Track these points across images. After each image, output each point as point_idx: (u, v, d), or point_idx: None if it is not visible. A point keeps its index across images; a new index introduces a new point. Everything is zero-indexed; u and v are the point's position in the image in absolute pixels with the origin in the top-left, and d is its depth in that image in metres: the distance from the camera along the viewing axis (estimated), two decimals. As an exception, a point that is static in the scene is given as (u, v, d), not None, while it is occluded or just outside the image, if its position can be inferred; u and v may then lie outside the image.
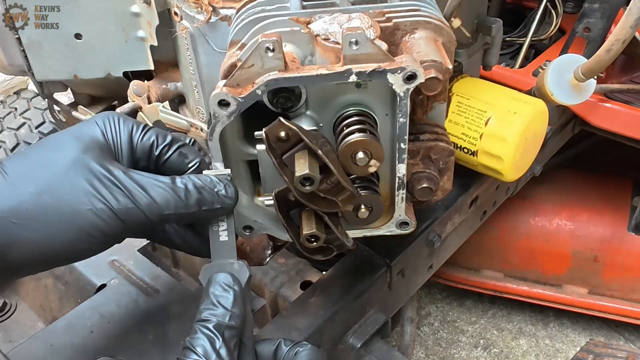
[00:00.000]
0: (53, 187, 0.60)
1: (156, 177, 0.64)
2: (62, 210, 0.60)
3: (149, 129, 0.70)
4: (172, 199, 0.63)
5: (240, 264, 0.66)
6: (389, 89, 0.61)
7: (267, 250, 0.86)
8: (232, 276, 0.64)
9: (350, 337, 0.93)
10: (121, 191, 0.61)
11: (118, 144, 0.67)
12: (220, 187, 0.66)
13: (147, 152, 0.69)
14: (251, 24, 0.68)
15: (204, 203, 0.65)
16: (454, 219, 1.10)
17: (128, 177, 0.62)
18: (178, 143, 0.71)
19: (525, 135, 0.90)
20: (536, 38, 1.40)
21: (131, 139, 0.68)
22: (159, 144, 0.69)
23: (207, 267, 0.66)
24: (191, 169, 0.71)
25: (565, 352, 1.75)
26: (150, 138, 0.69)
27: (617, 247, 1.59)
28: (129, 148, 0.68)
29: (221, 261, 0.67)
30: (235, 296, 0.63)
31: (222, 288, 0.63)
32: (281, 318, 0.88)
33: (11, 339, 1.01)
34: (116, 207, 0.61)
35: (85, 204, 0.60)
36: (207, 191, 0.65)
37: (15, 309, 1.08)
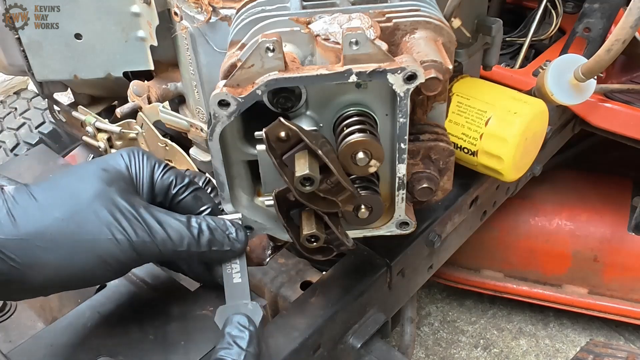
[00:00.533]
0: (78, 215, 0.64)
1: (173, 215, 0.68)
2: (84, 238, 0.63)
3: (170, 169, 0.74)
4: (186, 237, 0.67)
5: (254, 304, 0.69)
6: (389, 89, 0.61)
7: (267, 250, 0.86)
8: (247, 317, 0.67)
9: (350, 337, 0.93)
10: (140, 225, 0.65)
11: (140, 179, 0.71)
12: (231, 230, 0.70)
13: (165, 190, 0.73)
14: (251, 24, 0.68)
15: (214, 244, 0.69)
16: (454, 219, 1.10)
17: (148, 213, 0.66)
18: (194, 186, 0.75)
19: (525, 135, 0.90)
20: (536, 38, 1.40)
21: (152, 176, 0.72)
22: (177, 184, 0.73)
23: (223, 308, 0.69)
24: (203, 213, 0.74)
25: (565, 352, 1.75)
26: (169, 177, 0.73)
27: (617, 247, 1.59)
28: (150, 184, 0.72)
29: (236, 302, 0.70)
30: (251, 336, 0.66)
31: (238, 329, 0.66)
32: (281, 318, 0.88)
33: (11, 339, 1.01)
34: (134, 239, 0.64)
35: (106, 234, 0.64)
36: (218, 233, 0.69)
37: (15, 309, 1.08)
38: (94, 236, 0.63)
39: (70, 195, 0.65)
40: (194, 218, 0.69)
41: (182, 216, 0.69)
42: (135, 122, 1.01)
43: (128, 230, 0.64)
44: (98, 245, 0.64)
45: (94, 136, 1.09)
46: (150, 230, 0.65)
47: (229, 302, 0.70)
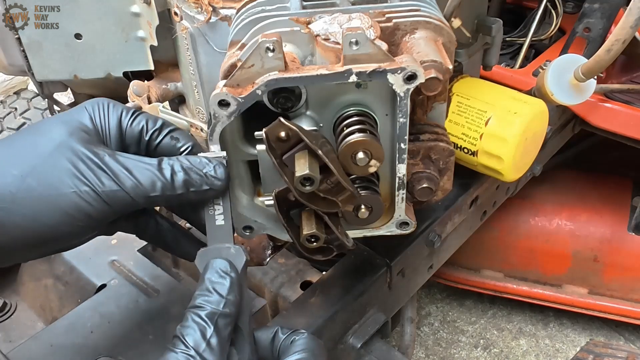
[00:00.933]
0: (37, 170, 0.60)
1: (142, 159, 0.63)
2: (46, 193, 0.59)
3: (139, 114, 0.69)
4: (158, 180, 0.62)
5: (236, 248, 0.65)
6: (389, 89, 0.61)
7: (267, 250, 0.86)
8: (229, 262, 0.63)
9: (350, 337, 0.93)
10: (105, 174, 0.60)
11: (106, 129, 0.67)
12: (209, 168, 0.64)
13: (137, 137, 0.68)
14: (251, 24, 0.68)
15: (191, 184, 0.63)
16: (454, 219, 1.10)
17: (113, 160, 0.62)
18: (169, 127, 0.70)
19: (525, 135, 0.90)
20: (536, 38, 1.40)
21: (120, 124, 0.67)
22: (149, 128, 0.68)
23: (203, 251, 0.65)
24: (183, 153, 0.69)
25: (565, 352, 1.75)
26: (140, 123, 0.68)
27: (617, 247, 1.59)
28: (118, 133, 0.67)
29: (218, 245, 0.65)
30: (232, 283, 0.62)
31: (219, 274, 0.62)
32: (281, 318, 0.88)
33: (11, 339, 1.01)
34: (100, 189, 0.60)
35: (69, 187, 0.60)
36: (194, 172, 0.63)
37: (15, 309, 1.08)
38: (56, 190, 0.59)
39: (28, 150, 0.61)
40: (167, 159, 0.64)
41: (152, 159, 0.64)
42: (135, 122, 1.01)
43: (92, 179, 0.60)
44: (61, 199, 0.59)
45: (94, 136, 1.08)
46: (117, 177, 0.61)
47: (210, 245, 0.65)
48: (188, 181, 0.63)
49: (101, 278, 0.95)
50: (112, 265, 0.98)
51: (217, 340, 0.58)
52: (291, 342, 0.65)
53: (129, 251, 1.00)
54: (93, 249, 1.02)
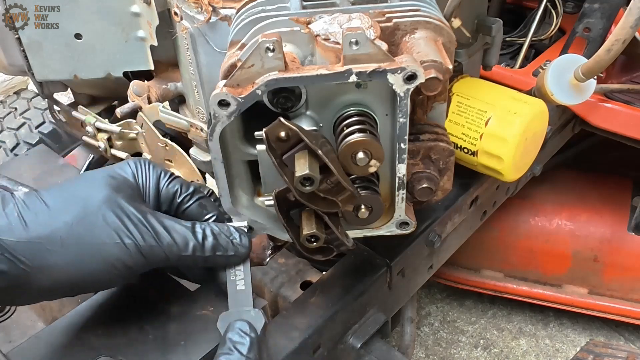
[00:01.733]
0: (87, 220, 0.65)
1: (179, 221, 0.70)
2: (92, 242, 0.65)
3: (175, 178, 0.76)
4: (191, 241, 0.69)
5: (256, 311, 0.69)
6: (389, 89, 0.61)
7: (267, 250, 0.86)
8: (248, 324, 0.67)
9: (350, 337, 0.93)
10: (147, 230, 0.66)
11: (147, 188, 0.73)
12: (235, 236, 0.72)
13: (170, 199, 0.75)
14: (251, 24, 0.68)
15: (218, 249, 0.70)
16: (454, 219, 1.10)
17: (155, 218, 0.68)
18: (199, 195, 0.76)
19: (525, 135, 0.90)
20: (536, 38, 1.40)
21: (158, 185, 0.74)
22: (182, 192, 0.75)
23: (225, 315, 0.69)
24: (208, 220, 0.76)
25: (565, 352, 1.75)
26: (175, 186, 0.75)
27: (617, 247, 1.59)
28: (156, 192, 0.74)
29: (238, 309, 0.70)
30: (252, 342, 0.66)
31: (239, 335, 0.66)
32: (281, 318, 0.88)
33: (11, 339, 1.01)
34: (141, 244, 0.66)
35: (114, 239, 0.65)
36: (222, 238, 0.71)
37: (15, 309, 1.08)
38: (102, 240, 0.65)
39: (79, 200, 0.66)
40: (199, 224, 0.71)
41: (187, 222, 0.70)
42: (135, 122, 1.01)
43: (135, 235, 0.65)
44: (106, 249, 0.65)
45: (94, 136, 1.08)
46: (157, 235, 0.67)
47: (231, 309, 0.70)
48: (216, 245, 0.70)
49: (101, 278, 0.95)
50: (112, 265, 0.97)
51: None
52: None
53: (129, 251, 0.99)
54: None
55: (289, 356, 0.82)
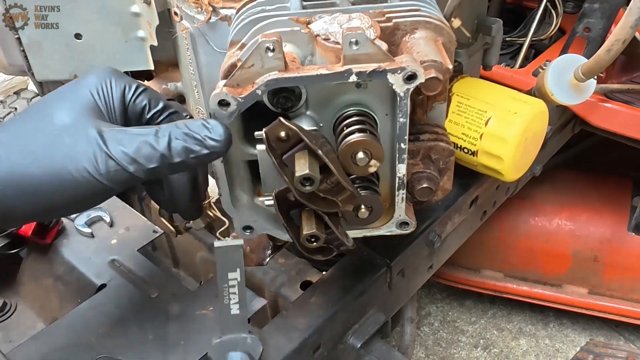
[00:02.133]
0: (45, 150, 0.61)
1: (138, 132, 0.62)
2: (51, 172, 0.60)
3: (142, 91, 0.69)
4: (156, 152, 0.61)
5: (253, 338, 0.66)
6: (389, 89, 0.61)
7: (267, 250, 0.86)
8: (248, 355, 0.64)
9: (350, 337, 0.93)
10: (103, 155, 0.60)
11: (110, 104, 0.67)
12: (207, 132, 0.62)
13: (138, 115, 0.69)
14: (251, 24, 0.68)
15: (190, 151, 0.62)
16: (454, 219, 1.10)
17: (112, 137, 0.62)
18: (170, 110, 0.70)
19: (525, 135, 0.90)
20: (536, 38, 1.40)
21: (123, 100, 0.68)
22: (151, 108, 0.69)
23: (220, 343, 0.66)
24: None
25: (565, 352, 1.75)
26: (142, 101, 0.69)
27: (617, 247, 1.59)
28: (121, 108, 0.68)
29: (233, 336, 0.66)
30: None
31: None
32: (281, 318, 0.88)
33: (11, 339, 1.01)
34: (101, 171, 0.60)
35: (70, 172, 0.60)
36: (192, 137, 0.62)
37: (15, 309, 1.08)
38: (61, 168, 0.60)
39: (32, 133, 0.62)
40: (164, 127, 0.63)
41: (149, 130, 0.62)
42: (135, 122, 1.01)
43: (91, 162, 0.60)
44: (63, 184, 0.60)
45: (94, 136, 1.08)
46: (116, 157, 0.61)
47: (225, 336, 0.66)
48: (186, 148, 0.62)
49: (101, 278, 0.95)
50: (112, 265, 0.98)
51: None
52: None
53: (129, 251, 1.00)
54: (93, 248, 1.02)
55: (289, 356, 0.82)
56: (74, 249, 1.03)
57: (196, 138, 0.62)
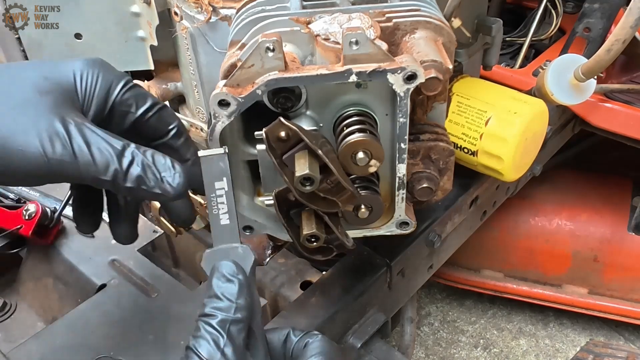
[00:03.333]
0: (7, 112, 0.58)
1: (108, 139, 0.60)
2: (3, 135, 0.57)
3: (130, 88, 0.66)
4: (112, 166, 0.59)
5: (244, 247, 0.63)
6: (389, 89, 0.61)
7: (267, 250, 0.86)
8: (235, 264, 0.61)
9: (350, 337, 0.93)
10: (62, 141, 0.58)
11: (90, 95, 0.64)
12: (168, 173, 0.62)
13: (125, 112, 0.66)
14: (251, 24, 0.68)
15: (143, 182, 0.61)
16: (454, 219, 1.10)
17: (78, 130, 0.59)
18: (158, 106, 0.68)
19: (525, 135, 0.90)
20: (536, 38, 1.40)
21: (108, 94, 0.65)
22: (139, 106, 0.67)
23: (209, 253, 0.63)
24: (169, 133, 0.68)
25: (565, 352, 1.75)
26: (130, 99, 0.66)
27: (617, 247, 1.59)
28: (102, 102, 0.65)
29: (223, 246, 0.63)
30: (241, 286, 0.59)
31: (226, 278, 0.60)
32: (281, 318, 0.88)
33: (11, 339, 1.01)
34: (50, 155, 0.57)
35: (17, 144, 0.57)
36: (152, 172, 0.61)
37: (15, 309, 1.08)
38: (4, 142, 0.57)
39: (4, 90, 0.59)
40: (132, 148, 0.61)
41: (118, 142, 0.61)
42: (135, 122, 1.01)
43: (45, 143, 0.57)
44: (7, 152, 0.57)
45: (94, 136, 1.08)
46: (73, 149, 0.58)
47: (216, 246, 0.63)
48: (141, 178, 0.61)
49: (101, 278, 0.95)
50: (112, 265, 0.98)
51: (232, 349, 0.56)
52: (305, 345, 0.63)
53: (129, 251, 1.00)
54: (93, 248, 1.02)
55: (289, 356, 0.82)
56: (74, 249, 1.03)
57: (154, 174, 0.61)
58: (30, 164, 0.58)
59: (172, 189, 0.62)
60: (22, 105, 0.59)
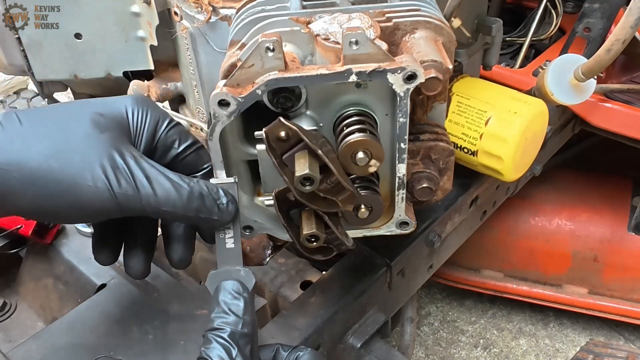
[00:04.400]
0: (62, 154, 0.60)
1: (165, 171, 0.64)
2: (64, 180, 0.60)
3: (174, 125, 0.70)
4: (173, 197, 0.63)
5: (246, 270, 0.67)
6: (389, 89, 0.61)
7: (267, 250, 0.86)
8: (241, 284, 0.65)
9: (350, 337, 0.93)
10: (126, 176, 0.61)
11: (140, 131, 0.68)
12: (223, 200, 0.66)
13: (168, 147, 0.70)
14: (251, 23, 0.68)
15: (202, 211, 0.65)
16: (454, 219, 1.10)
17: (138, 165, 0.62)
18: (197, 145, 0.72)
19: (525, 135, 0.90)
20: (536, 38, 1.40)
21: (155, 131, 0.69)
22: (182, 142, 0.70)
23: (214, 274, 0.67)
24: (203, 170, 0.72)
25: (565, 352, 1.75)
26: (174, 135, 0.70)
27: (617, 247, 1.59)
28: (150, 137, 0.68)
29: (228, 268, 0.67)
30: (246, 303, 0.64)
31: (232, 295, 0.64)
32: (281, 318, 0.88)
33: (11, 339, 1.01)
34: (116, 190, 0.60)
35: (87, 180, 0.60)
36: (209, 200, 0.65)
37: (15, 309, 1.08)
38: (74, 180, 0.60)
39: (58, 132, 0.61)
40: (187, 179, 0.65)
41: (175, 175, 0.65)
42: (135, 122, 1.01)
43: (111, 179, 0.60)
44: (77, 189, 0.60)
45: (94, 136, 1.08)
46: (136, 183, 0.61)
47: (220, 267, 0.68)
48: (200, 207, 0.65)
49: (101, 278, 0.95)
50: (112, 265, 0.97)
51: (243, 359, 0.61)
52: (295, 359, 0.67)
53: (129, 251, 0.99)
54: (93, 248, 1.02)
55: (289, 356, 0.82)
56: (74, 248, 1.03)
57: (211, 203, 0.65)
58: (100, 199, 0.60)
59: (228, 214, 0.67)
60: (85, 141, 0.61)
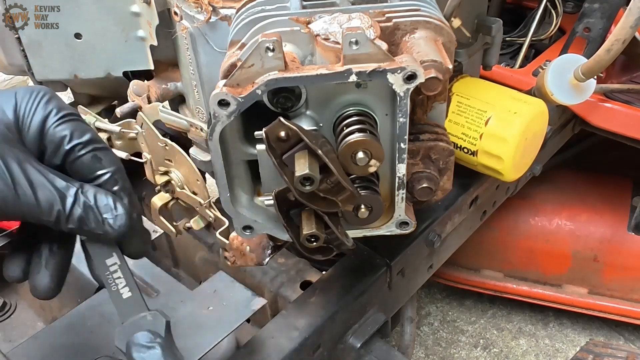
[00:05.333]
0: None
1: (55, 179, 0.59)
2: None
3: (69, 120, 0.63)
4: (56, 207, 0.59)
5: (152, 313, 0.64)
6: (389, 89, 0.61)
7: (267, 250, 0.86)
8: (150, 332, 0.62)
9: (350, 337, 0.93)
10: (5, 181, 0.56)
11: (27, 125, 0.61)
12: (110, 215, 0.62)
13: (57, 144, 0.62)
14: (251, 23, 0.68)
15: (85, 224, 0.61)
16: (454, 219, 1.10)
17: (20, 168, 0.57)
18: (94, 145, 0.64)
19: (525, 135, 0.90)
20: (536, 38, 1.40)
21: (44, 124, 0.62)
22: (73, 138, 0.62)
23: (120, 330, 0.63)
24: (102, 177, 0.64)
25: (565, 352, 1.75)
26: (64, 130, 0.62)
27: (617, 247, 1.59)
28: (39, 132, 0.62)
29: (132, 319, 0.64)
30: (163, 347, 0.61)
31: (146, 347, 0.61)
32: (281, 318, 0.88)
33: (11, 339, 1.01)
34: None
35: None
36: (93, 213, 0.61)
37: (15, 309, 1.08)
38: None
39: None
40: (75, 188, 0.60)
41: (61, 181, 0.59)
42: (135, 121, 1.01)
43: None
44: None
45: (94, 136, 1.08)
46: (16, 189, 0.56)
47: (125, 321, 0.64)
48: (83, 220, 0.60)
49: (101, 278, 0.95)
50: (112, 265, 0.97)
51: None
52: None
53: (129, 251, 0.99)
54: (93, 248, 1.02)
55: (289, 356, 0.82)
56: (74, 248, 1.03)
57: (96, 217, 0.61)
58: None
59: (113, 230, 0.62)
60: None
